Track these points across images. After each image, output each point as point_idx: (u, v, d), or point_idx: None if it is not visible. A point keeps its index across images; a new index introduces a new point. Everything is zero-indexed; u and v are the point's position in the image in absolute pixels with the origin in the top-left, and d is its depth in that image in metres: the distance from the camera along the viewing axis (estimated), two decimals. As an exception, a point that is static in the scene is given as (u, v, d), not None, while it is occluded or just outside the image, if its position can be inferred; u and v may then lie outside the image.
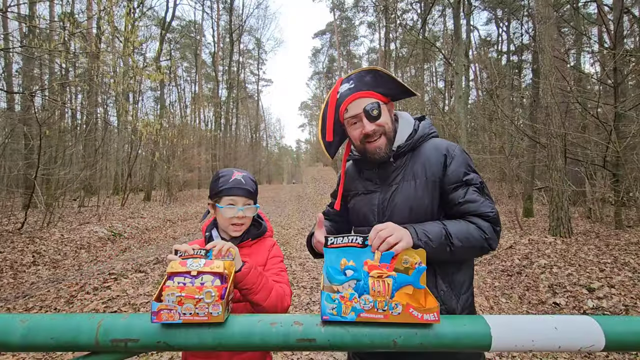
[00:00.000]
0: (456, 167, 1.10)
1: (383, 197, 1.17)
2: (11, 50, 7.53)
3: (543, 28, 6.53)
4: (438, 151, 1.13)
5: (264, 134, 53.57)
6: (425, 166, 1.12)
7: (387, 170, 1.18)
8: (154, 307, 0.76)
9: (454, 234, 1.01)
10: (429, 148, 1.16)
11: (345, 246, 0.88)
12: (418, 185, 1.12)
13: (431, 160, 1.12)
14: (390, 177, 1.17)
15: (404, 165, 1.16)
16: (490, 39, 24.83)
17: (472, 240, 1.01)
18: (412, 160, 1.16)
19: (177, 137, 15.48)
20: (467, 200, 1.06)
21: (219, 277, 0.81)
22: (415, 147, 1.17)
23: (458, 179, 1.09)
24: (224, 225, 1.23)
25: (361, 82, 1.15)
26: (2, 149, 7.97)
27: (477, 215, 1.05)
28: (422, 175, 1.12)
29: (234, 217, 1.20)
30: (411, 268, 0.84)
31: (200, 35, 29.78)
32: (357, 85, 1.15)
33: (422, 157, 1.14)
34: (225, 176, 1.24)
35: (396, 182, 1.15)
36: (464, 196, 1.07)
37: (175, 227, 10.21)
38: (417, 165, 1.14)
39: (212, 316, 0.76)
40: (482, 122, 14.01)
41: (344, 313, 0.77)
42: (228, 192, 1.21)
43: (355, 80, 1.16)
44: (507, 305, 3.99)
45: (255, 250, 1.26)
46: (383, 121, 1.13)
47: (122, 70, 8.31)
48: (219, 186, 1.22)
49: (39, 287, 4.59)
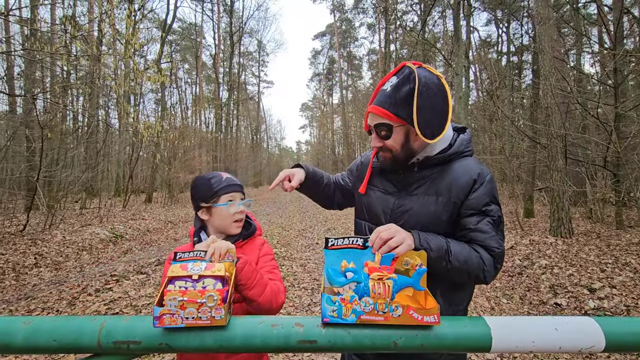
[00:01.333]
0: (480, 195, 1.05)
1: (399, 203, 1.14)
2: (13, 53, 7.56)
3: (543, 29, 6.54)
4: (468, 175, 1.07)
5: (265, 136, 53.58)
6: (452, 187, 1.07)
7: (410, 178, 1.14)
8: (156, 312, 0.76)
9: (454, 253, 1.00)
10: (460, 168, 1.09)
11: (346, 247, 0.88)
12: (439, 202, 1.07)
13: (459, 182, 1.07)
14: (412, 186, 1.14)
15: (429, 178, 1.11)
16: (490, 39, 24.83)
17: (470, 266, 1.00)
18: (439, 176, 1.10)
19: (178, 139, 15.50)
20: (478, 229, 1.03)
21: (220, 281, 0.81)
22: (446, 162, 1.11)
23: (478, 207, 1.05)
24: (226, 224, 1.22)
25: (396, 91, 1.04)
26: (4, 151, 7.99)
27: (483, 246, 1.03)
28: (446, 194, 1.07)
29: (237, 212, 1.22)
30: (412, 270, 0.85)
31: (200, 37, 29.86)
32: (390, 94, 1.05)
33: (450, 177, 1.08)
34: (215, 177, 1.26)
35: (417, 193, 1.12)
36: (476, 224, 1.04)
37: (177, 229, 10.21)
38: (443, 183, 1.08)
39: (215, 320, 0.76)
40: (482, 123, 14.00)
41: (345, 315, 0.78)
42: (226, 190, 1.22)
43: (397, 83, 1.05)
44: (508, 306, 3.98)
45: (247, 250, 1.26)
46: (390, 144, 1.09)
47: (123, 72, 8.33)
48: (213, 187, 1.23)
49: (41, 288, 4.59)
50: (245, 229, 1.30)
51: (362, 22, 35.51)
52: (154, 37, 20.81)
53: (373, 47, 36.52)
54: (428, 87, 1.02)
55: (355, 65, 41.05)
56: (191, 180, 1.31)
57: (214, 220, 1.24)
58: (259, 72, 40.63)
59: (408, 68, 1.05)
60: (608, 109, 6.53)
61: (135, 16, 15.23)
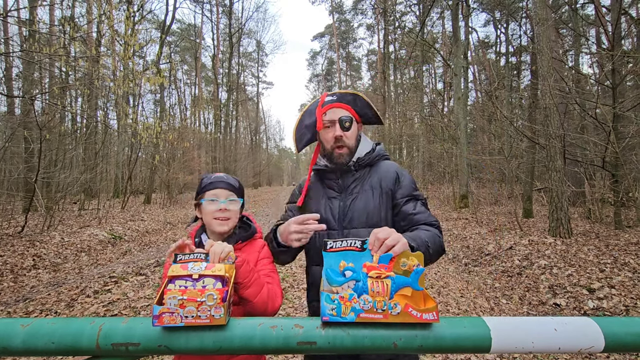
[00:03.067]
0: (406, 184, 1.32)
1: (343, 204, 1.31)
2: (11, 54, 7.55)
3: (541, 29, 6.56)
4: (391, 170, 1.35)
5: (264, 136, 53.61)
6: (382, 180, 1.32)
7: (347, 180, 1.35)
8: (155, 311, 0.76)
9: (428, 239, 1.13)
10: (384, 166, 1.37)
11: (345, 250, 0.88)
12: (375, 195, 1.30)
13: (387, 176, 1.33)
14: (350, 187, 1.34)
15: (363, 177, 1.35)
16: (488, 40, 24.91)
17: (437, 244, 1.16)
18: (370, 175, 1.35)
19: (177, 140, 15.50)
20: (418, 212, 1.26)
21: (220, 280, 0.81)
22: (373, 163, 1.38)
23: (409, 193, 1.30)
24: (208, 220, 1.23)
25: (343, 98, 1.38)
26: (2, 152, 7.97)
27: (427, 224, 1.23)
28: (378, 187, 1.31)
29: (217, 210, 1.21)
30: (409, 270, 0.85)
31: (199, 38, 29.87)
32: (339, 98, 1.38)
33: (379, 173, 1.35)
34: (207, 176, 1.30)
35: (356, 192, 1.32)
36: (415, 208, 1.27)
37: (176, 230, 10.20)
38: (374, 179, 1.33)
39: (214, 319, 0.76)
40: (481, 123, 14.04)
41: (344, 313, 0.78)
42: (209, 187, 1.25)
43: (338, 96, 1.39)
44: (508, 306, 3.98)
45: (246, 252, 1.25)
46: (350, 134, 1.34)
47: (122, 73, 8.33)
48: (201, 185, 1.27)
49: (39, 290, 4.58)
50: (245, 230, 1.29)
51: (361, 23, 35.62)
52: (153, 38, 20.81)
53: (372, 48, 36.59)
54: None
55: (354, 66, 41.14)
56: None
57: (203, 217, 1.26)
58: (258, 73, 40.69)
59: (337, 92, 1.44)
60: (606, 110, 6.55)
61: (134, 17, 15.22)
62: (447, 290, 4.48)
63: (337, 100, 1.37)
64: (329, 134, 1.34)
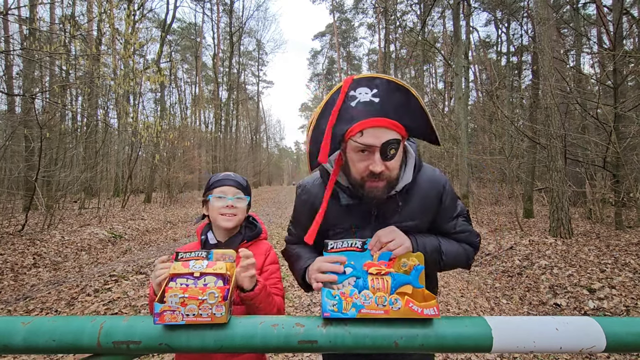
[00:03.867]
0: (449, 203, 1.11)
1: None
2: (12, 52, 7.55)
3: (542, 29, 6.55)
4: (435, 189, 1.07)
5: (264, 136, 53.62)
6: (425, 206, 1.06)
7: (385, 209, 1.05)
8: (156, 309, 0.76)
9: (446, 252, 1.06)
10: (424, 182, 1.07)
11: (345, 250, 0.89)
12: (417, 226, 1.06)
13: (429, 199, 1.06)
14: (387, 215, 1.05)
15: (402, 203, 1.05)
16: (489, 40, 24.87)
17: (458, 262, 1.09)
18: (410, 197, 1.05)
19: (177, 139, 15.50)
20: (459, 231, 1.12)
21: (221, 279, 0.82)
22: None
23: (452, 214, 1.11)
24: (214, 216, 1.24)
25: (390, 99, 0.89)
26: (2, 151, 7.97)
27: (467, 242, 1.13)
28: (421, 215, 1.06)
29: (223, 206, 1.22)
30: (409, 270, 0.85)
31: (200, 37, 29.84)
32: (384, 103, 0.89)
33: (420, 195, 1.05)
34: (216, 175, 1.32)
35: (394, 222, 1.02)
36: (456, 227, 1.11)
37: (176, 229, 10.20)
38: (415, 204, 1.05)
39: (216, 317, 0.77)
40: (482, 123, 14.02)
41: (345, 309, 0.78)
42: (217, 184, 1.27)
43: (382, 92, 0.89)
44: (508, 306, 3.98)
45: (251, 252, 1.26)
46: (392, 166, 0.94)
47: (123, 72, 8.31)
48: (210, 183, 1.29)
49: (39, 289, 4.58)
50: (250, 230, 1.30)
51: (362, 22, 35.59)
52: (153, 37, 20.80)
53: (373, 47, 36.59)
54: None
55: (354, 65, 41.12)
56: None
57: (209, 214, 1.27)
58: (259, 72, 40.68)
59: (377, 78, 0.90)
60: (607, 110, 6.54)
61: (135, 16, 15.21)
62: (447, 290, 4.48)
63: (382, 109, 0.88)
64: (361, 163, 0.93)
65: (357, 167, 0.94)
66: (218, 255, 0.91)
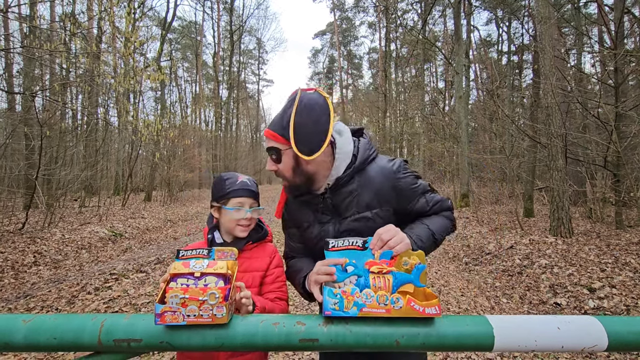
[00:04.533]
0: (409, 189, 1.12)
1: (340, 229, 1.12)
2: (12, 50, 7.54)
3: (544, 28, 6.53)
4: (388, 180, 1.10)
5: (265, 134, 53.52)
6: (379, 197, 1.10)
7: (336, 201, 1.12)
8: (157, 310, 0.76)
9: (436, 230, 1.11)
10: (376, 175, 1.11)
11: (346, 249, 0.89)
12: (374, 214, 1.10)
13: (383, 190, 1.10)
14: (341, 207, 1.12)
15: (352, 194, 1.10)
16: (490, 39, 24.83)
17: (447, 230, 1.16)
18: (361, 189, 1.10)
19: (177, 137, 15.49)
20: (433, 205, 1.16)
21: (222, 279, 0.81)
22: (360, 170, 1.12)
23: (415, 195, 1.13)
24: (230, 226, 1.23)
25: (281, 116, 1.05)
26: (3, 149, 7.97)
27: (442, 210, 1.18)
28: (377, 205, 1.10)
29: (242, 218, 1.21)
30: (411, 269, 0.85)
31: (200, 35, 29.81)
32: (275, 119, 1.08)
33: (372, 186, 1.10)
34: (231, 179, 1.25)
35: (350, 214, 1.11)
36: (428, 204, 1.15)
37: (176, 228, 10.21)
38: (369, 195, 1.10)
39: (216, 318, 0.76)
40: (482, 122, 13.99)
41: (346, 308, 0.78)
42: (236, 194, 1.22)
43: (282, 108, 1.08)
44: (508, 305, 3.98)
45: (256, 254, 1.26)
46: (282, 169, 1.08)
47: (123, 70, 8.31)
48: (226, 188, 1.23)
49: (40, 287, 4.59)
50: (256, 232, 1.29)
51: (363, 21, 35.53)
52: (153, 35, 20.78)
53: (373, 46, 36.55)
54: (309, 107, 1.02)
55: (355, 64, 41.06)
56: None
57: (222, 220, 1.25)
58: (259, 71, 40.62)
59: (296, 92, 1.06)
60: (608, 109, 6.53)
61: (135, 14, 15.18)
62: (447, 289, 4.49)
63: (271, 123, 1.08)
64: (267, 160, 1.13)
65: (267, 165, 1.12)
66: (219, 254, 0.91)
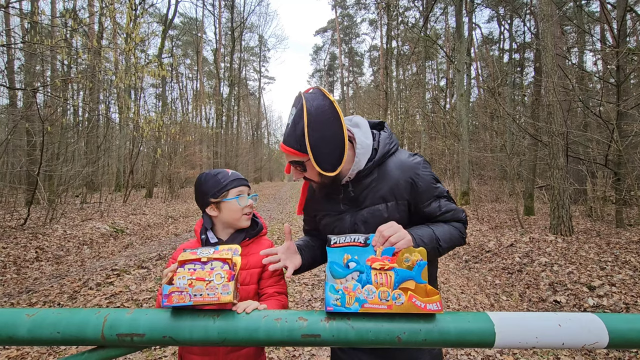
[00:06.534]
0: (425, 186, 1.12)
1: (354, 220, 1.16)
2: (13, 46, 7.53)
3: (546, 26, 6.50)
4: (405, 173, 1.12)
5: (265, 132, 53.55)
6: (394, 190, 1.12)
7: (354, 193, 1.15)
8: (165, 290, 0.79)
9: (441, 238, 1.09)
10: (394, 168, 1.13)
11: (348, 245, 0.89)
12: (389, 208, 1.12)
13: (400, 184, 1.11)
14: (359, 200, 1.15)
15: (370, 186, 1.13)
16: (492, 36, 24.71)
17: (454, 241, 1.12)
18: (379, 181, 1.13)
19: (178, 134, 15.48)
20: (445, 212, 1.14)
21: (227, 264, 0.85)
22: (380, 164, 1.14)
23: (430, 196, 1.13)
24: (235, 217, 1.23)
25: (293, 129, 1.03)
26: (4, 145, 7.97)
27: (454, 220, 1.16)
28: (392, 198, 1.12)
29: (246, 206, 1.24)
30: (412, 265, 0.85)
31: (201, 32, 29.72)
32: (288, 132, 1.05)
33: (390, 180, 1.12)
34: (221, 173, 1.26)
35: (365, 205, 1.14)
36: (441, 209, 1.14)
37: (177, 224, 10.23)
38: (385, 188, 1.12)
39: (222, 296, 0.79)
40: (483, 120, 13.97)
41: (348, 304, 0.79)
42: (234, 184, 1.24)
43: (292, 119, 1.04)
44: (508, 303, 4.00)
45: (253, 249, 1.25)
46: (309, 174, 1.10)
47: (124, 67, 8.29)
48: (221, 182, 1.23)
49: (42, 282, 4.61)
50: (252, 227, 1.29)
51: (364, 18, 35.41)
52: (154, 32, 20.72)
53: (375, 44, 36.41)
54: (319, 119, 1.01)
55: (356, 61, 40.95)
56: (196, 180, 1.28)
57: (223, 215, 1.24)
58: (260, 68, 40.51)
59: (300, 99, 1.03)
60: (610, 107, 6.50)
61: (136, 10, 15.13)
62: (447, 286, 4.50)
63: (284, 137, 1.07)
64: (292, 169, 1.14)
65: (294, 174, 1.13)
66: (224, 250, 0.93)
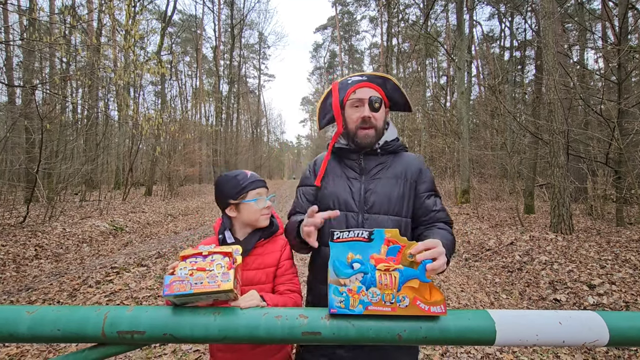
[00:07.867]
0: (429, 179, 1.32)
1: (365, 187, 1.26)
2: (12, 43, 7.50)
3: (547, 23, 6.47)
4: (416, 162, 1.33)
5: (265, 129, 53.47)
6: (407, 171, 1.29)
7: (370, 163, 1.30)
8: (166, 281, 0.80)
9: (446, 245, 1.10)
10: (408, 157, 1.35)
11: (352, 240, 0.88)
12: (399, 184, 1.27)
13: (412, 167, 1.31)
14: (373, 170, 1.29)
15: (386, 163, 1.31)
16: (493, 34, 24.62)
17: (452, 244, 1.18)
18: (394, 162, 1.31)
19: (178, 132, 15.46)
20: (439, 210, 1.27)
21: (228, 257, 0.86)
22: (397, 151, 1.35)
23: (430, 188, 1.30)
24: (254, 217, 1.25)
25: (373, 80, 1.32)
26: (3, 142, 7.95)
27: (444, 222, 1.26)
28: (403, 176, 1.28)
29: (265, 207, 1.27)
30: (416, 262, 0.85)
31: (201, 29, 29.61)
32: (370, 78, 1.33)
33: (404, 163, 1.32)
34: (240, 174, 1.29)
35: (379, 176, 1.28)
36: (436, 205, 1.27)
37: (177, 222, 10.23)
38: (399, 168, 1.30)
39: (222, 284, 0.80)
40: (484, 118, 13.95)
41: (352, 306, 0.78)
42: (253, 186, 1.27)
43: (368, 76, 1.34)
44: (508, 301, 4.00)
45: (268, 249, 1.28)
46: (378, 116, 1.29)
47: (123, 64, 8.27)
48: (241, 184, 1.26)
49: (41, 280, 4.61)
50: (268, 227, 1.31)
51: (364, 15, 35.29)
52: (153, 29, 20.65)
53: (375, 41, 36.31)
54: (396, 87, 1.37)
55: (356, 59, 40.81)
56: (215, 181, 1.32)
57: (242, 216, 1.26)
58: (260, 65, 40.39)
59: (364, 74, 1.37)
60: (611, 105, 6.49)
61: (135, 7, 15.07)
62: (447, 284, 4.50)
63: (367, 80, 1.32)
64: (355, 114, 1.29)
65: (352, 118, 1.30)
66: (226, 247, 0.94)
